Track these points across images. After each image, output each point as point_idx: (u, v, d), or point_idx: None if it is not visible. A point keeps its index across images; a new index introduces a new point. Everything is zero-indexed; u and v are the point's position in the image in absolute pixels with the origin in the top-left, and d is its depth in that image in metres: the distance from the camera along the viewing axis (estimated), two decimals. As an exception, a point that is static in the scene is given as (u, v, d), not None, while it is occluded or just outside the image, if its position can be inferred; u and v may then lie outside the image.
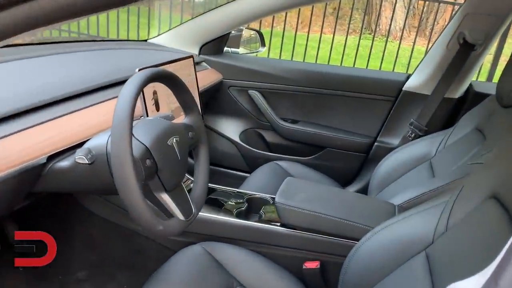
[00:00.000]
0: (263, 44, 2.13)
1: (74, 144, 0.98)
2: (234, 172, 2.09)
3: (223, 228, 1.29)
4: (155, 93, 1.23)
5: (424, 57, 1.84)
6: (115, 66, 1.41)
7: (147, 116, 1.20)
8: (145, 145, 0.88)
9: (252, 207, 1.41)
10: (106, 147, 0.88)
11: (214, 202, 1.39)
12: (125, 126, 0.80)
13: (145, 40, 1.96)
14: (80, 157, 0.82)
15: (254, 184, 1.66)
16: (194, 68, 1.48)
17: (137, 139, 0.89)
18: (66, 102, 1.07)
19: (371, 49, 5.02)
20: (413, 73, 1.85)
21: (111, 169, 0.81)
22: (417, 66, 1.85)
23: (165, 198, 0.94)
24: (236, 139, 2.03)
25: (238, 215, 1.32)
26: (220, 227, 1.29)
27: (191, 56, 1.47)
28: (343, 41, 5.06)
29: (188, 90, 1.05)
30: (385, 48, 4.93)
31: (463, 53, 1.67)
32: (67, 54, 1.42)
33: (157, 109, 1.24)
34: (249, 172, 1.87)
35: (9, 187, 0.88)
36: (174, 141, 0.95)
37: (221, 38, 1.93)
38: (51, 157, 0.94)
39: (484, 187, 0.92)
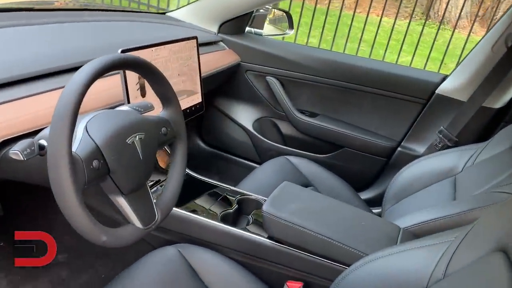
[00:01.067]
0: (291, 27, 1.96)
1: (34, 129, 0.89)
2: (244, 161, 1.97)
3: (204, 231, 1.18)
4: (141, 77, 1.11)
5: (464, 58, 1.62)
6: (110, 42, 1.30)
7: (128, 103, 1.09)
8: (95, 143, 0.77)
9: (243, 209, 1.30)
10: None
11: (202, 199, 1.28)
12: (66, 119, 0.69)
13: (164, 13, 1.85)
14: (14, 151, 0.72)
15: (257, 180, 1.53)
16: (197, 50, 1.35)
17: (89, 135, 0.78)
18: (36, 81, 0.98)
19: (420, 36, 4.65)
20: (450, 74, 1.64)
21: None
22: (456, 67, 1.63)
23: (121, 202, 0.84)
24: (249, 127, 1.90)
25: (224, 219, 1.21)
26: (201, 230, 1.19)
27: (195, 38, 1.34)
28: (395, 25, 4.69)
29: (166, 80, 0.92)
30: (436, 36, 4.54)
31: (510, 58, 1.44)
32: (66, 24, 1.33)
33: (143, 95, 1.13)
34: (260, 163, 1.76)
35: None
36: (137, 139, 0.84)
37: (243, 17, 1.79)
38: (6, 143, 0.86)
39: (492, 235, 0.76)
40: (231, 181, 1.51)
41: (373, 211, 1.65)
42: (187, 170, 1.39)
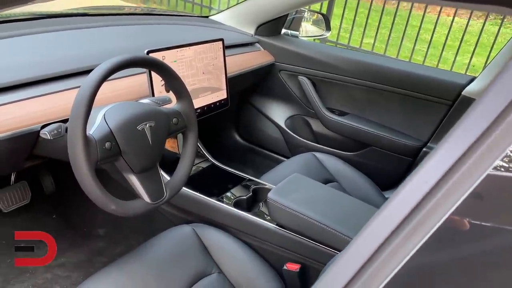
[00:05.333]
0: (328, 28, 2.04)
1: (67, 117, 1.08)
2: (276, 155, 2.08)
3: (218, 213, 1.32)
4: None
5: (492, 59, 1.60)
6: (150, 43, 1.47)
7: (153, 96, 1.25)
8: (109, 128, 0.93)
9: (258, 196, 1.41)
10: None
11: (222, 185, 1.41)
12: (82, 108, 0.85)
13: (207, 17, 2.00)
14: (44, 132, 0.90)
15: (280, 173, 1.63)
16: (223, 51, 1.49)
17: (105, 121, 0.94)
18: (75, 77, 1.16)
19: (496, 37, 4.43)
20: (477, 76, 1.63)
21: None
22: (484, 69, 1.62)
23: (132, 179, 0.99)
24: (282, 124, 2.01)
25: (237, 204, 1.33)
26: (215, 212, 1.32)
27: (221, 40, 1.48)
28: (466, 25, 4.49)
29: (177, 76, 1.06)
30: (496, 35, 4.30)
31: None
32: (116, 27, 1.52)
33: (167, 90, 1.28)
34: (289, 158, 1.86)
35: (5, 148, 1.00)
36: (147, 126, 0.98)
37: (279, 19, 1.89)
38: (46, 127, 1.04)
39: None
40: (262, 173, 1.63)
41: (396, 209, 1.68)
42: (214, 161, 1.54)
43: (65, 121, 1.04)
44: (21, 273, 1.38)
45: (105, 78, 0.89)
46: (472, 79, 1.64)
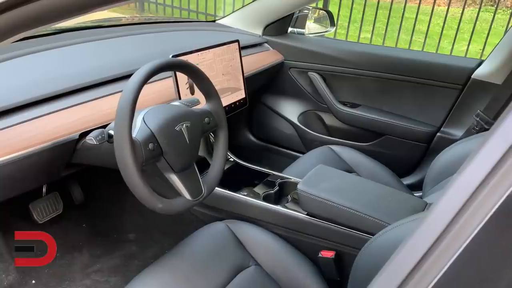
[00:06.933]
0: (332, 24, 2.09)
1: (104, 124, 1.11)
2: (290, 152, 2.12)
3: (249, 208, 1.35)
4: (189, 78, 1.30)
5: (500, 41, 1.65)
6: (167, 49, 1.51)
7: (180, 99, 1.29)
8: (150, 130, 0.97)
9: (284, 190, 1.45)
10: None
11: (248, 182, 1.45)
12: (126, 112, 0.89)
13: (214, 21, 2.05)
14: (89, 138, 0.94)
15: (300, 167, 1.67)
16: (240, 52, 1.53)
17: (145, 124, 0.98)
18: (103, 86, 1.20)
19: (491, 23, 4.49)
20: (486, 59, 1.68)
21: None
22: (492, 51, 1.67)
23: (173, 178, 1.03)
24: (295, 120, 2.05)
25: (266, 198, 1.37)
26: (246, 207, 1.36)
27: (237, 41, 1.52)
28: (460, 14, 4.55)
29: (207, 77, 1.10)
30: (508, 22, 4.36)
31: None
32: (130, 37, 1.57)
33: (192, 93, 1.32)
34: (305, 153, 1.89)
35: (45, 158, 1.04)
36: (184, 126, 1.02)
37: (285, 18, 1.94)
38: (85, 134, 1.08)
39: None
40: (279, 170, 1.67)
41: (415, 195, 1.72)
42: (237, 160, 1.58)
43: (103, 127, 1.08)
44: (61, 281, 1.41)
45: (145, 81, 0.94)
46: (480, 62, 1.68)
